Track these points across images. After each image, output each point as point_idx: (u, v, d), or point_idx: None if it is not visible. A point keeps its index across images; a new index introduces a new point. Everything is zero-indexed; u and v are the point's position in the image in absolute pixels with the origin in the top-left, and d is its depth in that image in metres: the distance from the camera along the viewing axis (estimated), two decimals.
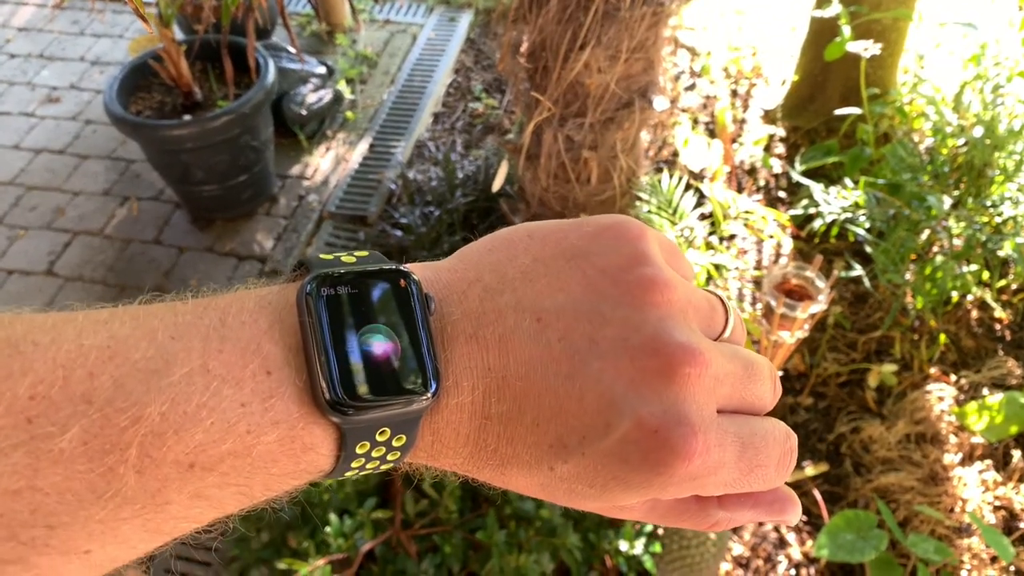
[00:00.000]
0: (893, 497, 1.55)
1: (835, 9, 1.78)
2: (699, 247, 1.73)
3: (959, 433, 1.61)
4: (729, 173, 2.18)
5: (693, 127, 2.35)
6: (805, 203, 1.90)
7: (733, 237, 2.05)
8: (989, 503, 1.55)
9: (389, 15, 3.02)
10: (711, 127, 2.39)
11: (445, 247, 1.95)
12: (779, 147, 2.31)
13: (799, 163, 2.08)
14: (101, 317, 0.24)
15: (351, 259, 0.28)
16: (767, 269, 1.91)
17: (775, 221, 1.95)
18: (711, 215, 1.95)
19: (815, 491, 1.56)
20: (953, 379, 1.72)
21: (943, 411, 1.63)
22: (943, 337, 1.76)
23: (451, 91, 2.73)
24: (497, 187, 1.82)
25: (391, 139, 2.49)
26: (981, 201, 1.66)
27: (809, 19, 2.19)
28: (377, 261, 0.28)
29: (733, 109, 2.43)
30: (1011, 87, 1.70)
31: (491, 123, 2.57)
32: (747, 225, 1.92)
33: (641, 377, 0.26)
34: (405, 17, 3.01)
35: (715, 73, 2.57)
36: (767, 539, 1.56)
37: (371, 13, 3.02)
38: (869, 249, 1.70)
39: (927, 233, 1.67)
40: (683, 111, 2.44)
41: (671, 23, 1.49)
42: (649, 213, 1.71)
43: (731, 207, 1.87)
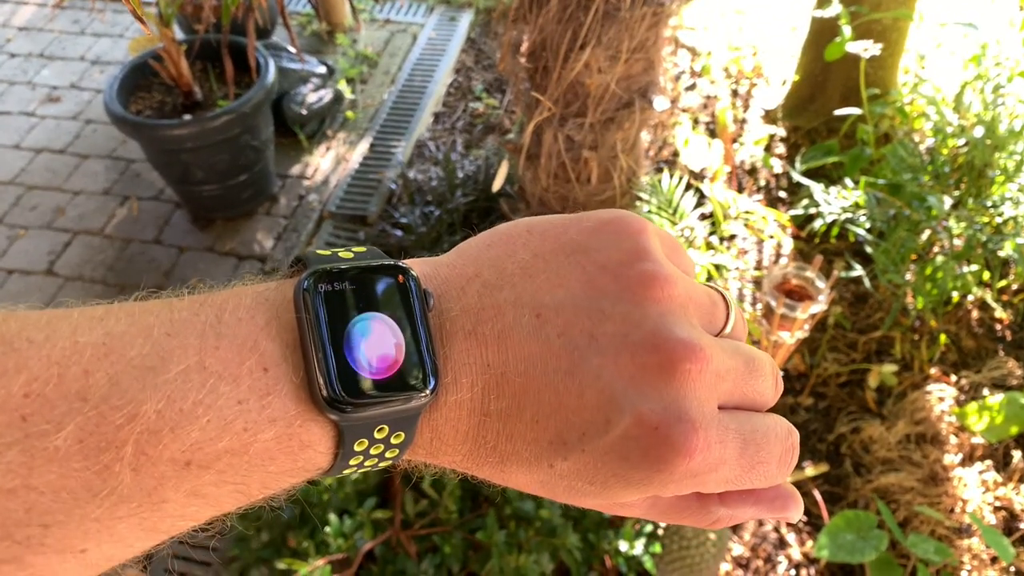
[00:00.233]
0: (893, 497, 1.54)
1: (835, 9, 1.78)
2: (699, 247, 1.73)
3: (959, 433, 1.61)
4: (729, 173, 2.18)
5: (693, 127, 2.35)
6: (805, 203, 1.90)
7: (733, 237, 2.04)
8: (989, 504, 1.54)
9: (389, 15, 3.02)
10: (711, 127, 2.38)
11: (445, 247, 1.95)
12: (779, 147, 2.31)
13: (799, 163, 2.08)
14: (96, 314, 0.24)
15: (349, 255, 0.28)
16: (767, 269, 1.91)
17: (775, 221, 1.95)
18: (711, 215, 1.94)
19: (815, 491, 1.56)
20: (953, 379, 1.72)
21: (943, 411, 1.63)
22: (943, 337, 1.76)
23: (451, 91, 2.73)
24: (497, 187, 1.82)
25: (391, 139, 2.49)
26: (981, 201, 1.66)
27: (809, 19, 2.19)
28: (375, 257, 0.28)
29: (733, 109, 2.43)
30: (1012, 87, 1.70)
31: (491, 123, 2.56)
32: (747, 225, 1.92)
33: (641, 373, 0.26)
34: (405, 17, 3.01)
35: (715, 73, 2.57)
36: (767, 539, 1.56)
37: (371, 13, 3.02)
38: (869, 249, 1.70)
39: (927, 233, 1.66)
40: (683, 111, 2.44)
41: (671, 23, 1.49)
42: (649, 213, 1.71)
43: (731, 207, 1.87)
